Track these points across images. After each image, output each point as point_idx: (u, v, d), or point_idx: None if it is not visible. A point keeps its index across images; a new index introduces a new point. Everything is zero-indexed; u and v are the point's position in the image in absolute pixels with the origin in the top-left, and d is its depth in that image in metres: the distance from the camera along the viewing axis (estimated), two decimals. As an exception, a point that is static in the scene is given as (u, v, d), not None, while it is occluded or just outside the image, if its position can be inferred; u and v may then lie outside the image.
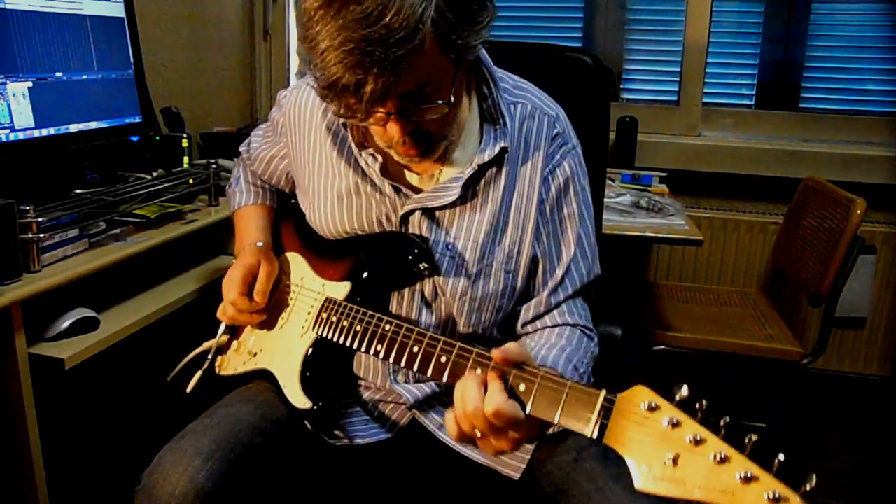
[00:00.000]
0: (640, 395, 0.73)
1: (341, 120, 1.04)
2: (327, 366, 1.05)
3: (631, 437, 0.71)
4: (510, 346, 0.82)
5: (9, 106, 1.30)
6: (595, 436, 0.74)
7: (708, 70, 2.57)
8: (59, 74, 1.41)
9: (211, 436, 0.94)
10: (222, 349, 1.17)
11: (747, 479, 0.64)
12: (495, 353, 0.82)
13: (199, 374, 1.14)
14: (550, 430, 0.90)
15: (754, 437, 0.66)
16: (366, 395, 1.10)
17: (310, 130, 1.10)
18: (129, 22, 1.61)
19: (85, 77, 1.48)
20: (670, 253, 2.59)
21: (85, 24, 1.48)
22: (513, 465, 1.00)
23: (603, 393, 0.76)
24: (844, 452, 2.22)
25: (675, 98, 2.62)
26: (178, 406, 1.09)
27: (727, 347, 1.87)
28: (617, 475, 0.91)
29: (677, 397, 0.71)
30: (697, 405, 0.70)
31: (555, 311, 1.06)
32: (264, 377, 1.08)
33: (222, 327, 1.17)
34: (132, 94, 1.63)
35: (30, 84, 1.34)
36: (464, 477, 1.05)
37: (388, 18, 0.76)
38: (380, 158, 1.02)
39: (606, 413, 0.74)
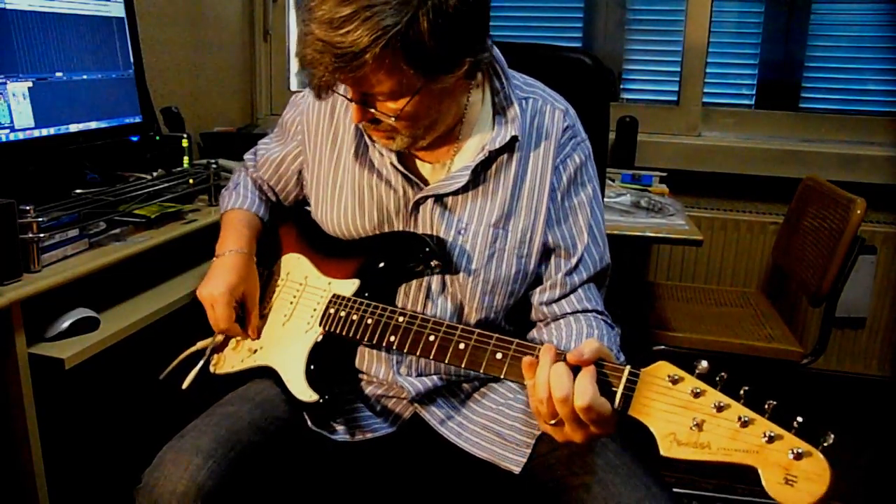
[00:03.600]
0: (664, 369, 0.76)
1: None
2: (331, 360, 1.05)
3: (655, 407, 0.75)
4: (586, 347, 0.80)
5: (9, 106, 1.30)
6: (620, 407, 0.77)
7: (708, 70, 2.57)
8: (59, 74, 1.41)
9: (211, 434, 0.95)
10: (218, 347, 1.17)
11: (771, 439, 0.68)
12: (571, 356, 0.80)
13: (194, 371, 1.14)
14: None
15: (773, 403, 0.70)
16: (368, 389, 1.10)
17: (330, 126, 1.12)
18: (129, 22, 1.61)
19: (85, 77, 1.48)
20: (670, 253, 2.59)
21: (85, 24, 1.48)
22: (514, 459, 1.01)
23: (628, 368, 0.79)
24: (844, 452, 2.22)
25: (675, 98, 2.62)
26: (178, 405, 1.09)
27: (727, 347, 1.87)
28: (617, 467, 0.92)
29: (698, 370, 0.74)
30: (718, 378, 0.73)
31: (572, 296, 1.08)
32: (264, 375, 1.08)
33: None
34: (132, 94, 1.63)
35: (30, 84, 1.34)
36: (465, 471, 1.05)
37: (341, 32, 0.83)
38: (394, 150, 1.04)
39: (630, 387, 0.77)
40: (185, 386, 1.13)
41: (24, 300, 1.13)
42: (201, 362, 1.15)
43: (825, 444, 0.66)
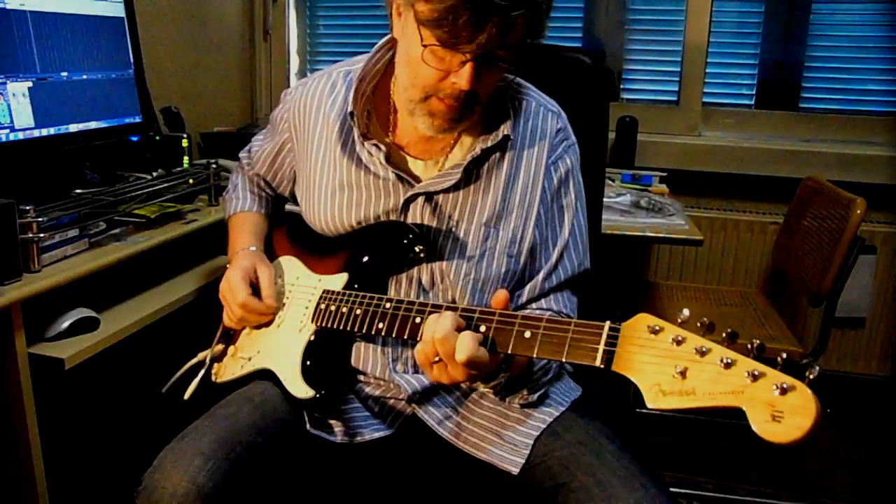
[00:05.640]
0: (644, 321, 0.76)
1: (349, 109, 1.06)
2: (327, 357, 1.05)
3: (638, 360, 0.73)
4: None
5: (9, 106, 1.30)
6: (602, 365, 0.76)
7: (708, 70, 2.57)
8: (59, 74, 1.41)
9: (211, 436, 0.95)
10: (218, 357, 1.18)
11: (755, 377, 0.66)
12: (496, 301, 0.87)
13: (195, 382, 1.15)
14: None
15: (756, 342, 0.69)
16: (366, 390, 1.10)
17: (316, 122, 1.12)
18: (129, 22, 1.61)
19: (85, 77, 1.48)
20: (670, 253, 2.59)
21: (85, 24, 1.48)
22: (512, 460, 1.01)
23: (608, 324, 0.78)
24: (845, 452, 2.22)
25: (675, 98, 2.62)
26: (178, 406, 1.09)
27: (727, 347, 1.87)
28: (616, 468, 0.92)
29: (679, 320, 0.74)
30: (699, 323, 0.73)
31: (542, 300, 1.09)
32: (264, 377, 1.08)
33: (217, 336, 1.17)
34: (132, 94, 1.63)
35: (30, 84, 1.34)
36: (463, 472, 1.05)
37: None
38: (383, 148, 1.04)
39: (612, 342, 0.76)
40: (186, 397, 1.13)
41: (24, 300, 1.13)
42: (202, 372, 1.16)
43: (811, 377, 0.65)
